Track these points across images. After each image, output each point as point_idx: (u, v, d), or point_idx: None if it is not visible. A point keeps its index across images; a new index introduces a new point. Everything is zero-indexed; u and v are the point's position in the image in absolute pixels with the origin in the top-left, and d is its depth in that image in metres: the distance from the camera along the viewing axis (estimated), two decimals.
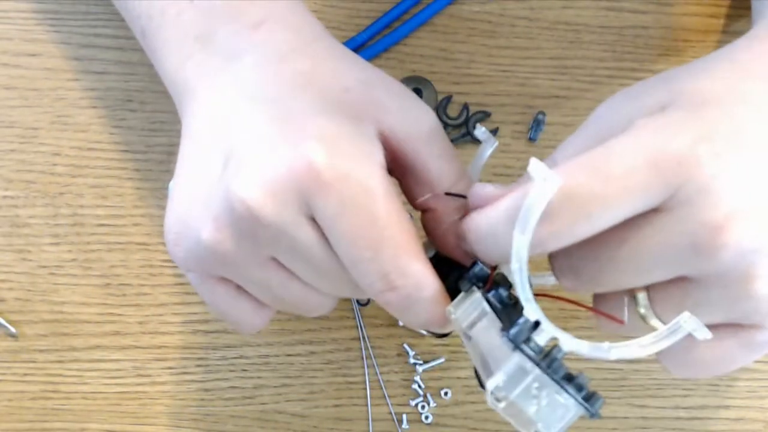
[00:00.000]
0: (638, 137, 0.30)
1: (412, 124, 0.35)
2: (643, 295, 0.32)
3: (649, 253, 0.30)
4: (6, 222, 0.49)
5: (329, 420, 0.50)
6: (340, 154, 0.31)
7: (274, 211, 0.31)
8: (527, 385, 0.29)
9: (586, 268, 0.31)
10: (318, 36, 0.37)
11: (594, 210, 0.29)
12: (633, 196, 0.29)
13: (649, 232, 0.30)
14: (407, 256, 0.32)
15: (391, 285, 0.32)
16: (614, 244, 0.30)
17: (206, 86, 0.36)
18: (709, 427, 0.50)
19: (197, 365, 0.50)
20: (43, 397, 0.49)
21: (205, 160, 0.34)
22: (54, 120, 0.50)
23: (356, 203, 0.31)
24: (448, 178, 0.35)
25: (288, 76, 0.34)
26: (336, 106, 0.34)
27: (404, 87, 0.37)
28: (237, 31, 0.36)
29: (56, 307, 0.49)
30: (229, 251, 0.33)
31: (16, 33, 0.50)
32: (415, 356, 0.49)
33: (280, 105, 0.34)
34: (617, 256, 0.30)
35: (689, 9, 0.51)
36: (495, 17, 0.51)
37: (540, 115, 0.50)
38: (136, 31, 0.41)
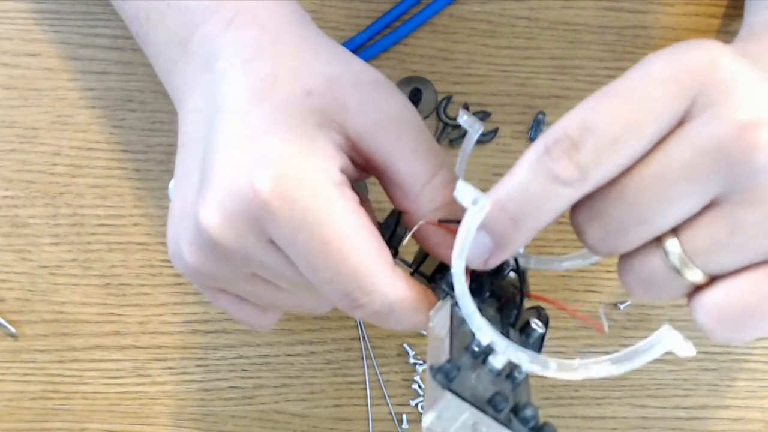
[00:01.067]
0: (649, 62, 0.29)
1: (379, 123, 0.33)
2: (673, 241, 0.29)
3: (678, 170, 0.27)
4: (6, 222, 0.49)
5: (329, 420, 0.50)
6: (288, 179, 0.31)
7: (233, 238, 0.32)
8: (464, 421, 0.28)
9: (613, 212, 0.29)
10: (286, 27, 0.35)
11: (619, 134, 0.27)
12: (655, 111, 0.27)
13: (675, 146, 0.28)
14: (367, 275, 0.31)
15: (356, 303, 0.32)
16: (640, 176, 0.28)
17: (189, 96, 0.36)
18: (709, 427, 0.50)
19: (197, 365, 0.50)
20: (43, 397, 0.49)
21: (187, 173, 0.34)
22: (54, 120, 0.50)
23: (306, 229, 0.31)
24: (422, 177, 0.33)
25: (251, 83, 0.33)
26: (296, 116, 0.32)
27: (373, 75, 0.35)
28: (209, 33, 0.35)
29: (56, 307, 0.49)
30: (212, 270, 0.34)
31: (16, 33, 0.50)
32: (415, 356, 0.49)
33: (240, 118, 0.33)
34: (644, 186, 0.28)
35: (689, 9, 0.51)
36: (495, 17, 0.51)
37: (540, 115, 0.50)
38: (133, 34, 0.41)
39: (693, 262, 0.29)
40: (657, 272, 0.30)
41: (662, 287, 0.30)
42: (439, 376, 0.27)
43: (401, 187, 0.34)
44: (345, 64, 0.35)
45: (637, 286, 0.30)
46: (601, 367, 0.28)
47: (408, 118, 0.34)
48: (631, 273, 0.30)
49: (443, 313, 0.32)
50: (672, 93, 0.27)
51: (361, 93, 0.33)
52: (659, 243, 0.29)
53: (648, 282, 0.30)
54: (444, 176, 0.34)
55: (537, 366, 0.29)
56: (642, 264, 0.30)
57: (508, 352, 0.29)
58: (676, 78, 0.28)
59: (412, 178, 0.33)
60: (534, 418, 0.28)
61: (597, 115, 0.28)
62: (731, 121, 0.27)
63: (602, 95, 0.28)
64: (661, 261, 0.29)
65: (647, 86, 0.28)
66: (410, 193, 0.33)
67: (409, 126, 0.34)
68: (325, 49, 0.35)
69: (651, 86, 0.28)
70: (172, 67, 0.38)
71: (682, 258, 0.29)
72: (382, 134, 0.33)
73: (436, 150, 0.34)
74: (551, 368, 0.28)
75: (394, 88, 0.35)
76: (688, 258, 0.29)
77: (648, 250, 0.30)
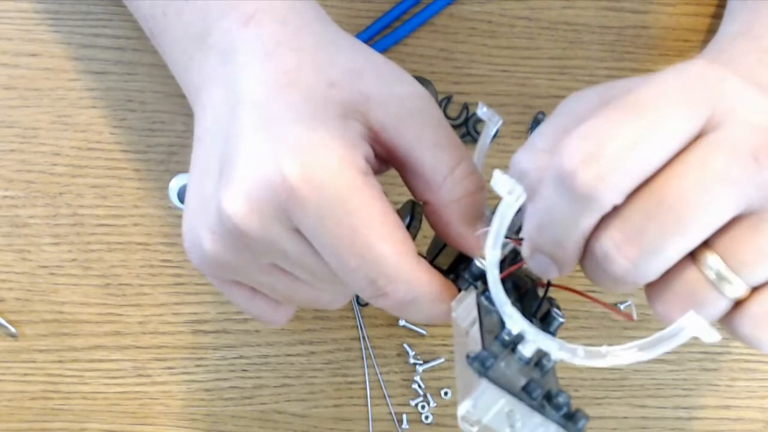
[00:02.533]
0: (656, 78, 0.28)
1: (401, 114, 0.34)
2: (713, 256, 0.28)
3: (713, 177, 0.27)
4: (6, 222, 0.49)
5: (329, 420, 0.50)
6: (315, 166, 0.31)
7: (258, 226, 0.32)
8: (499, 409, 0.28)
9: (648, 228, 0.27)
10: (306, 22, 0.36)
11: (638, 140, 0.27)
12: (675, 118, 0.27)
13: (705, 155, 0.27)
14: (393, 263, 0.32)
15: (380, 291, 0.33)
16: (675, 185, 0.27)
17: (207, 89, 0.36)
18: (709, 427, 0.50)
19: (197, 365, 0.50)
20: (43, 397, 0.49)
21: (206, 167, 0.35)
22: (54, 120, 0.50)
23: (334, 215, 0.31)
24: (444, 167, 0.34)
25: (273, 75, 0.33)
26: (319, 107, 0.33)
27: (394, 68, 0.35)
28: (229, 28, 0.36)
29: (56, 307, 0.49)
30: (231, 260, 0.34)
31: (16, 33, 0.50)
32: (415, 356, 0.49)
33: (264, 110, 0.33)
34: (680, 196, 0.27)
35: (689, 9, 0.51)
36: (495, 17, 0.51)
37: (540, 115, 0.50)
38: (147, 33, 0.42)
39: (738, 275, 0.28)
40: (698, 292, 0.29)
41: (704, 307, 0.29)
42: (476, 363, 0.28)
43: (423, 178, 0.34)
44: (367, 57, 0.35)
45: (677, 312, 0.29)
46: (629, 353, 0.28)
47: (429, 110, 0.34)
48: (668, 299, 0.30)
49: (467, 304, 0.32)
50: (690, 102, 0.27)
51: (383, 85, 0.34)
52: (695, 261, 0.29)
53: (689, 305, 0.29)
54: (465, 167, 0.34)
55: (566, 353, 0.29)
56: (681, 286, 0.29)
57: (539, 341, 0.29)
58: (691, 89, 0.28)
59: (433, 168, 0.34)
60: (567, 405, 0.28)
61: (614, 126, 0.27)
62: (758, 128, 0.27)
63: (613, 109, 0.28)
64: (701, 279, 0.29)
65: (663, 97, 0.28)
66: (432, 184, 0.34)
67: (431, 118, 0.34)
68: (347, 44, 0.36)
69: (667, 96, 0.28)
70: (188, 62, 0.38)
71: (725, 272, 0.28)
72: (405, 125, 0.34)
73: (457, 142, 0.34)
74: (579, 355, 0.29)
75: (414, 82, 0.35)
76: (732, 271, 0.28)
77: (683, 269, 0.29)
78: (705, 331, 0.27)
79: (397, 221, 0.32)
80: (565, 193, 0.28)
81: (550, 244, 0.30)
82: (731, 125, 0.27)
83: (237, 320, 0.50)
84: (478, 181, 0.34)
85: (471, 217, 0.34)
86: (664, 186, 0.27)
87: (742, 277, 0.28)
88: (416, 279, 0.32)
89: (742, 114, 0.27)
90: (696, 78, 0.28)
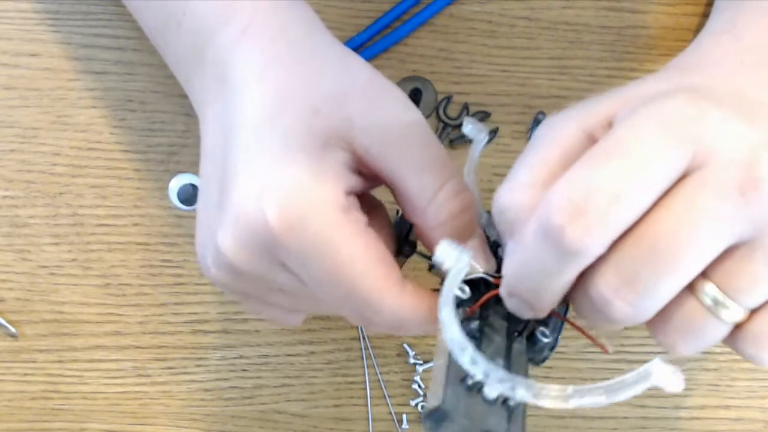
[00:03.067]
0: (634, 120, 0.29)
1: (384, 139, 0.34)
2: (709, 285, 0.29)
3: (702, 219, 0.27)
4: (6, 222, 0.49)
5: (329, 420, 0.50)
6: (297, 210, 0.32)
7: (248, 262, 0.33)
8: None
9: (644, 270, 0.28)
10: (296, 40, 0.36)
11: (624, 191, 0.27)
12: (660, 164, 0.28)
13: (692, 196, 0.28)
14: (377, 297, 0.33)
15: (368, 321, 0.34)
16: (663, 230, 0.28)
17: (208, 105, 0.37)
18: (709, 427, 0.50)
19: (197, 365, 0.50)
20: (43, 397, 0.49)
21: (209, 192, 0.36)
22: (54, 120, 0.50)
23: (316, 257, 0.32)
24: (428, 192, 0.34)
25: (261, 103, 0.34)
26: (303, 140, 0.33)
27: (380, 85, 0.35)
28: (223, 45, 0.36)
29: (56, 307, 0.49)
30: (233, 283, 0.35)
31: (16, 33, 0.50)
32: (415, 356, 0.49)
33: (253, 143, 0.33)
34: (674, 237, 0.27)
35: (689, 9, 0.51)
36: (495, 17, 0.51)
37: (540, 115, 0.50)
38: (153, 42, 0.42)
39: (735, 301, 0.29)
40: (697, 320, 0.29)
41: (705, 334, 0.30)
42: (429, 422, 0.28)
43: (408, 201, 0.34)
44: (353, 76, 0.35)
45: (679, 341, 0.30)
46: (593, 397, 0.29)
47: (414, 132, 0.34)
48: (669, 329, 0.30)
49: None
50: (672, 144, 0.28)
51: (367, 108, 0.34)
52: (692, 291, 0.29)
53: (690, 333, 0.30)
54: (450, 189, 0.34)
55: (530, 396, 0.29)
56: (680, 316, 0.30)
57: (500, 387, 0.29)
58: (672, 129, 0.28)
59: (418, 193, 0.34)
60: None
61: (598, 175, 0.27)
62: (740, 164, 0.27)
63: (596, 157, 0.28)
64: (699, 307, 0.29)
65: (645, 141, 0.28)
66: (417, 208, 0.34)
67: (415, 141, 0.34)
68: (334, 61, 0.36)
69: (649, 140, 0.28)
70: (191, 76, 0.39)
71: (722, 299, 0.29)
72: (388, 151, 0.34)
73: (442, 162, 0.34)
74: (543, 397, 0.29)
75: (400, 98, 0.35)
76: (728, 298, 0.29)
77: (682, 301, 0.29)
78: (667, 380, 0.28)
79: (380, 253, 0.33)
80: (551, 247, 0.28)
81: (529, 293, 0.30)
82: (715, 163, 0.28)
83: (237, 320, 0.50)
84: (464, 202, 0.34)
85: (457, 237, 0.34)
86: (655, 229, 0.28)
87: (739, 302, 0.29)
88: (401, 308, 0.33)
89: (724, 151, 0.28)
90: (676, 117, 0.28)
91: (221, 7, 0.37)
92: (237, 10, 0.36)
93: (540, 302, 0.31)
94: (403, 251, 0.38)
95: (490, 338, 0.33)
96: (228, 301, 0.50)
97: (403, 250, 0.38)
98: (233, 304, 0.50)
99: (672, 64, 0.35)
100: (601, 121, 0.31)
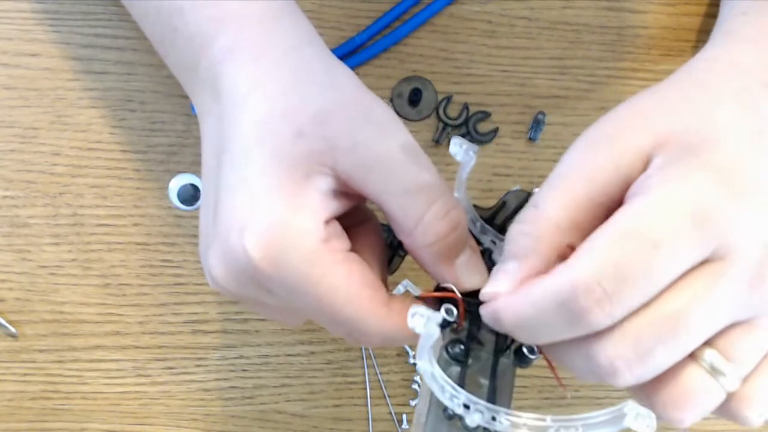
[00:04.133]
0: (664, 205, 0.30)
1: (367, 164, 0.33)
2: (711, 352, 0.31)
3: (715, 306, 0.30)
4: (6, 222, 0.49)
5: (329, 420, 0.50)
6: (277, 241, 0.32)
7: (237, 286, 0.34)
8: None
9: (657, 349, 0.30)
10: (281, 56, 0.36)
11: (651, 280, 0.29)
12: (688, 255, 0.29)
13: (710, 286, 0.30)
14: (361, 321, 0.33)
15: (358, 341, 0.35)
16: (680, 313, 0.30)
17: (204, 120, 0.38)
18: (709, 427, 0.50)
19: (197, 365, 0.50)
20: (43, 397, 0.49)
21: (207, 199, 0.37)
22: (54, 120, 0.50)
23: (299, 288, 0.33)
24: (414, 214, 0.33)
25: (247, 127, 0.34)
26: (286, 166, 0.33)
27: (364, 104, 0.35)
28: (212, 63, 0.37)
29: (56, 307, 0.49)
30: (233, 295, 0.36)
31: (16, 33, 0.50)
32: (415, 356, 0.49)
33: (239, 170, 0.34)
34: (687, 321, 0.29)
35: (689, 9, 0.51)
36: (495, 17, 0.51)
37: (540, 115, 0.50)
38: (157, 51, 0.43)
39: (731, 363, 0.31)
40: (698, 382, 0.31)
41: (705, 395, 0.31)
42: None
43: (395, 223, 0.34)
44: (338, 92, 0.35)
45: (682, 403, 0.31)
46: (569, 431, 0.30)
47: (397, 155, 0.34)
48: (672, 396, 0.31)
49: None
50: (701, 239, 0.29)
51: (350, 130, 0.34)
52: (693, 358, 0.31)
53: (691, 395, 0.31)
54: (437, 211, 0.34)
55: (509, 426, 0.30)
56: (682, 381, 0.31)
57: (479, 418, 0.30)
58: (704, 223, 0.29)
59: (403, 216, 0.34)
60: None
61: (628, 263, 0.29)
62: (754, 258, 0.30)
63: (627, 239, 0.29)
64: (700, 371, 0.31)
65: (677, 233, 0.29)
66: (404, 230, 0.34)
67: (399, 165, 0.34)
68: (319, 77, 0.35)
69: (681, 231, 0.29)
70: (190, 88, 0.40)
71: (720, 364, 0.31)
72: (371, 175, 0.34)
73: (429, 183, 0.34)
74: (523, 429, 0.30)
75: (385, 117, 0.35)
76: (726, 362, 0.31)
77: (683, 366, 0.31)
78: (643, 422, 0.29)
79: (363, 278, 0.33)
80: (567, 317, 0.29)
81: (525, 336, 0.32)
82: (735, 259, 0.30)
83: (237, 320, 0.50)
84: (452, 222, 0.34)
85: (447, 256, 0.34)
86: (673, 309, 0.29)
87: (735, 365, 0.31)
88: (388, 327, 0.34)
89: (746, 249, 0.30)
90: (703, 206, 0.29)
91: (207, 25, 0.37)
92: (222, 28, 0.37)
93: (531, 342, 0.32)
94: (398, 253, 0.38)
95: (477, 356, 0.34)
96: (228, 301, 0.50)
97: (398, 252, 0.38)
98: (233, 304, 0.50)
99: (696, 73, 0.35)
100: (636, 159, 0.32)
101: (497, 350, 0.35)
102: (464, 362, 0.33)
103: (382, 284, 0.35)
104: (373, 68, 0.50)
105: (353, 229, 0.36)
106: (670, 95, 0.34)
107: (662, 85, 0.34)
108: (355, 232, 0.36)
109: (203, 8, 0.37)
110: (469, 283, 0.35)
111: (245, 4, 0.37)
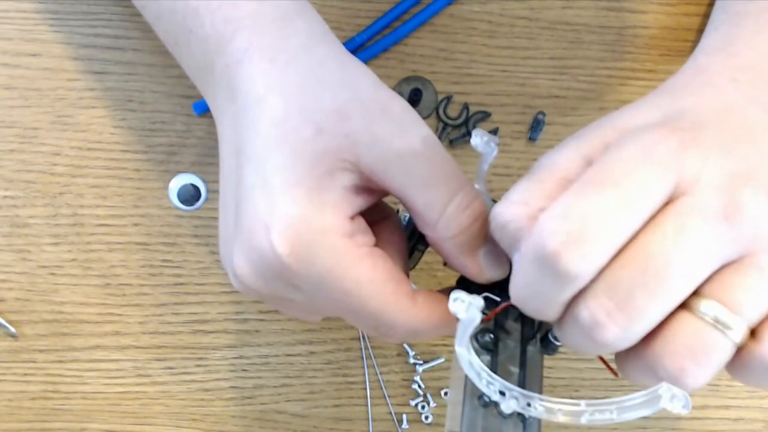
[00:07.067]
0: (620, 152, 0.30)
1: (388, 158, 0.34)
2: (706, 303, 0.29)
3: (691, 243, 0.28)
4: (6, 222, 0.49)
5: (329, 420, 0.50)
6: (303, 238, 0.33)
7: (263, 284, 0.35)
8: None
9: (636, 294, 0.28)
10: (295, 56, 0.36)
11: (618, 219, 0.28)
12: (648, 192, 0.29)
13: (680, 221, 0.29)
14: (387, 314, 0.34)
15: (384, 334, 0.35)
16: (654, 254, 0.28)
17: (221, 121, 0.38)
18: (709, 427, 0.50)
19: (197, 365, 0.50)
20: (43, 397, 0.49)
21: (227, 200, 0.37)
22: (54, 120, 0.50)
23: (325, 283, 0.33)
24: (436, 206, 0.34)
25: (265, 127, 0.35)
26: (307, 164, 0.33)
27: (382, 98, 0.35)
28: (227, 64, 0.37)
29: (56, 307, 0.49)
30: (258, 294, 0.36)
31: (16, 33, 0.50)
32: (415, 356, 0.49)
33: (259, 170, 0.34)
34: (663, 262, 0.28)
35: (689, 9, 0.51)
36: (495, 17, 0.51)
37: (540, 115, 0.50)
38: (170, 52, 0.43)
39: (735, 314, 0.29)
40: (703, 337, 0.29)
41: (712, 351, 0.29)
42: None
43: (418, 216, 0.35)
44: (354, 89, 0.35)
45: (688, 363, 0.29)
46: (604, 414, 0.29)
47: (418, 147, 0.34)
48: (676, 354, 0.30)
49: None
50: (657, 174, 0.29)
51: (370, 125, 0.34)
52: (692, 311, 0.29)
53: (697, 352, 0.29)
54: (460, 202, 0.34)
55: (544, 413, 0.30)
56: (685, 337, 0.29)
57: (515, 404, 0.30)
58: (657, 161, 0.29)
59: (426, 208, 0.34)
60: None
61: (589, 203, 0.28)
62: (719, 187, 0.29)
63: (587, 185, 0.29)
64: (702, 325, 0.29)
65: (632, 172, 0.29)
66: (427, 222, 0.34)
67: (419, 157, 0.34)
68: (334, 75, 0.36)
69: (636, 170, 0.29)
70: (205, 90, 0.40)
71: (722, 314, 0.29)
72: (393, 169, 0.34)
73: (450, 175, 0.34)
74: (557, 415, 0.30)
75: (403, 111, 0.35)
76: (729, 312, 0.29)
77: (684, 322, 0.29)
78: (678, 402, 0.28)
79: (387, 271, 0.34)
80: (548, 272, 0.29)
81: (534, 311, 0.31)
82: (697, 190, 0.29)
83: (237, 320, 0.50)
84: (474, 213, 0.34)
85: (470, 247, 0.35)
86: (645, 251, 0.28)
87: (739, 315, 0.29)
88: (414, 320, 0.34)
89: (706, 179, 0.29)
90: (659, 149, 0.29)
91: (222, 26, 0.37)
92: (237, 29, 0.37)
93: (545, 317, 0.31)
94: (418, 247, 0.38)
95: (505, 345, 0.34)
96: (228, 301, 0.50)
97: (418, 246, 0.38)
98: (233, 304, 0.50)
99: (666, 86, 0.35)
100: (597, 147, 0.31)
101: (524, 339, 0.35)
102: (494, 351, 0.34)
103: (406, 278, 0.35)
104: (373, 68, 0.50)
105: (375, 226, 0.36)
106: (640, 102, 0.34)
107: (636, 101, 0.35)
108: (377, 228, 0.36)
109: (218, 9, 0.37)
110: (492, 273, 0.35)
111: (259, 5, 0.37)
